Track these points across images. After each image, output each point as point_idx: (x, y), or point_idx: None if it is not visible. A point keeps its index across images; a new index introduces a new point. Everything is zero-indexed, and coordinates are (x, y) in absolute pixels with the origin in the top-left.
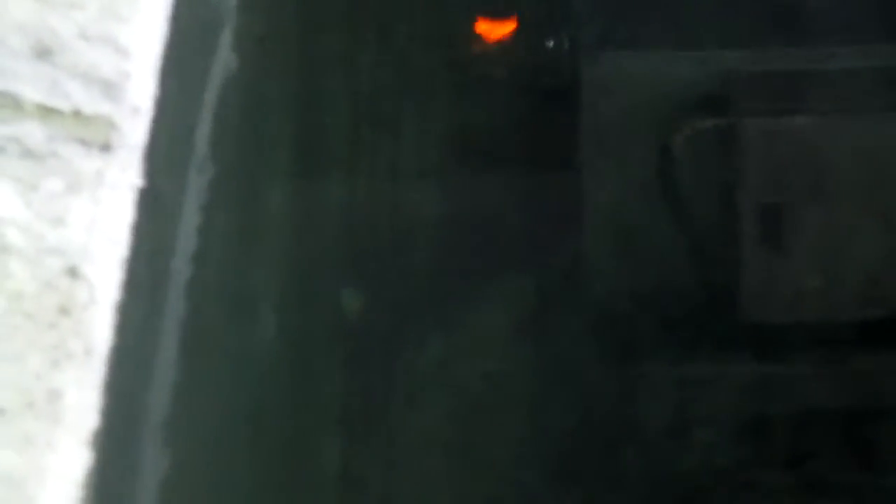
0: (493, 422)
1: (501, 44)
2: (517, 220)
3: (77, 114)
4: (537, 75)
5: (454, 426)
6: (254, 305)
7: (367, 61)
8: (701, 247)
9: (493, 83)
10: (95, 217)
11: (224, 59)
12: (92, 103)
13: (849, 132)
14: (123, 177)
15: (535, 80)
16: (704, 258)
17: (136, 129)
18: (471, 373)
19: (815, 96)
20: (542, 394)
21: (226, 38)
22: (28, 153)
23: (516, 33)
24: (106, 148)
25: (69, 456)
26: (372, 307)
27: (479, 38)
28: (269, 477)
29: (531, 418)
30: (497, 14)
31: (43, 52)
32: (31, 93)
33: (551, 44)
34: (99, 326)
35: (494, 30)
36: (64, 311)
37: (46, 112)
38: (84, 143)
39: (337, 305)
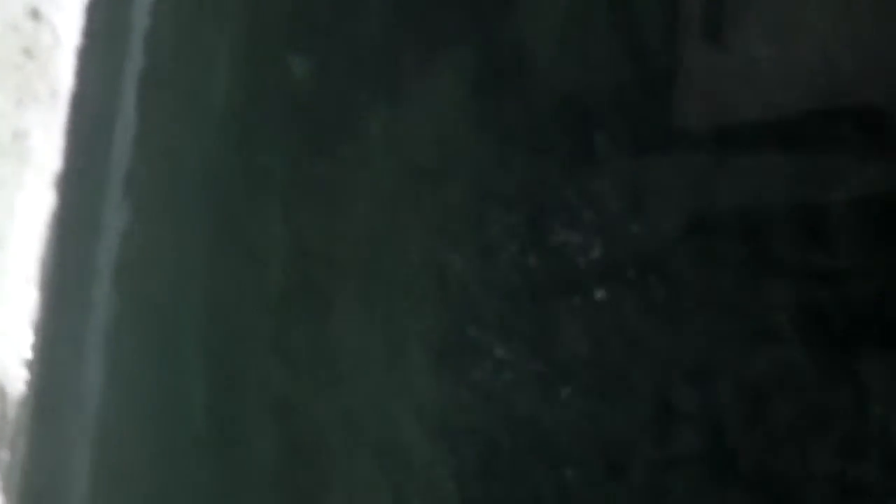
0: (442, 184)
1: None
2: None
3: None
4: None
5: (402, 186)
6: (208, 63)
7: None
8: (647, 32)
9: None
10: None
11: None
12: None
13: None
14: None
15: None
16: (652, 44)
17: None
18: (419, 138)
19: None
20: (491, 159)
21: None
22: None
23: None
24: None
25: (36, 195)
26: (322, 74)
27: None
28: (220, 238)
29: (479, 182)
30: None
31: None
32: None
33: None
34: (63, 69)
35: None
36: (28, 53)
37: None
38: None
39: (287, 70)
